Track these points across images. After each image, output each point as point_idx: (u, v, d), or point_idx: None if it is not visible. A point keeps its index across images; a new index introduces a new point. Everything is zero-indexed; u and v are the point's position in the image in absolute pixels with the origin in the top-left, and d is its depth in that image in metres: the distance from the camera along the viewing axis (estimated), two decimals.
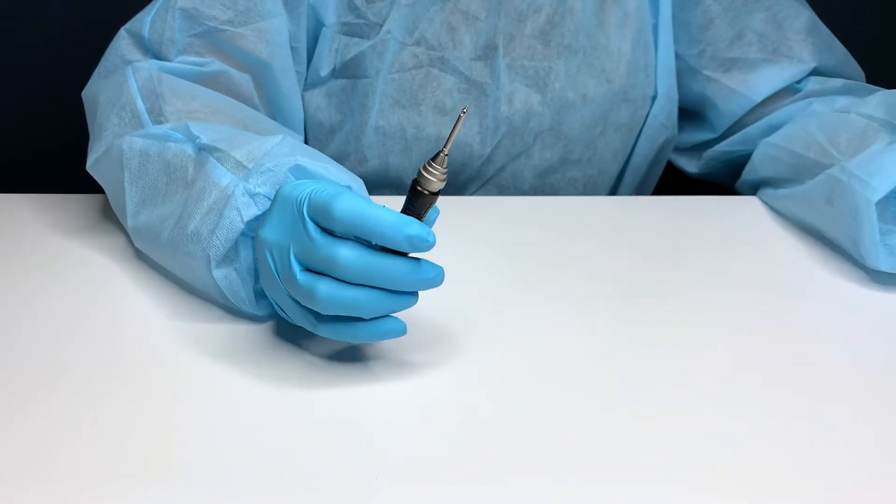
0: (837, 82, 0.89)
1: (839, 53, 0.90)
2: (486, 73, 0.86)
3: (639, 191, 0.98)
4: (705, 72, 0.91)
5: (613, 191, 0.97)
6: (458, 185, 0.91)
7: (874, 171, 0.68)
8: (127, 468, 0.48)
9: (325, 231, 0.52)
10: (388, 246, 0.51)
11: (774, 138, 0.85)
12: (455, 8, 0.84)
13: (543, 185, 0.93)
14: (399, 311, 0.54)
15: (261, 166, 0.58)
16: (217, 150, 0.61)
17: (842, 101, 0.84)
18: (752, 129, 0.90)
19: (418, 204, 0.53)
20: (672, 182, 1.05)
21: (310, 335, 0.60)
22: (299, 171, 0.58)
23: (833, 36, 0.91)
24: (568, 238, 0.77)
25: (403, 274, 0.52)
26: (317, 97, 0.86)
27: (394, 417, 0.53)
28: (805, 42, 0.89)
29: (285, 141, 0.61)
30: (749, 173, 0.89)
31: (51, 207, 0.78)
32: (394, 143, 0.87)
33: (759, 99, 0.90)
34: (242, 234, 0.58)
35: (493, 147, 0.89)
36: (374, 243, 0.51)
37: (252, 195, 0.57)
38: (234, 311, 0.63)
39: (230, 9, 0.77)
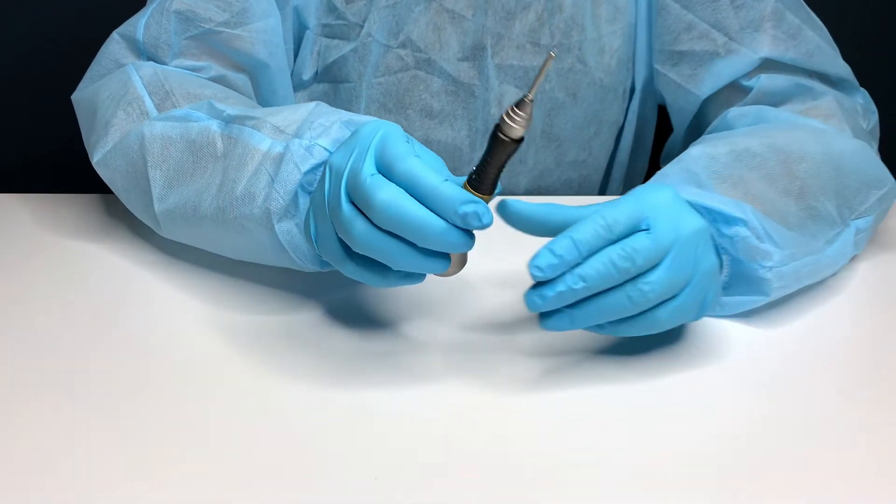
0: (785, 82, 0.80)
1: (808, 43, 0.81)
2: (474, 74, 0.84)
3: (626, 185, 0.96)
4: (656, 65, 0.87)
5: (603, 187, 0.96)
6: None
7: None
8: (126, 468, 0.48)
9: (381, 173, 0.52)
10: (443, 217, 0.50)
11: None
12: (441, 7, 0.83)
13: (539, 188, 0.91)
14: (428, 272, 0.53)
15: (311, 123, 0.60)
16: (251, 118, 0.62)
17: (784, 116, 0.78)
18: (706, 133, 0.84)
19: (498, 151, 0.51)
20: None
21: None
22: (353, 125, 0.59)
23: (805, 26, 0.81)
24: None
25: (434, 234, 0.50)
26: (300, 101, 0.86)
27: (394, 417, 0.53)
28: (760, 31, 0.81)
29: (321, 104, 0.62)
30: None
31: (51, 208, 0.78)
32: None
33: (704, 96, 0.84)
34: (300, 186, 0.58)
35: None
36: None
37: (308, 148, 0.58)
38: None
39: (226, 11, 0.77)
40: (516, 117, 0.50)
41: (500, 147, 0.51)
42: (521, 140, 0.51)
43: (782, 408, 0.55)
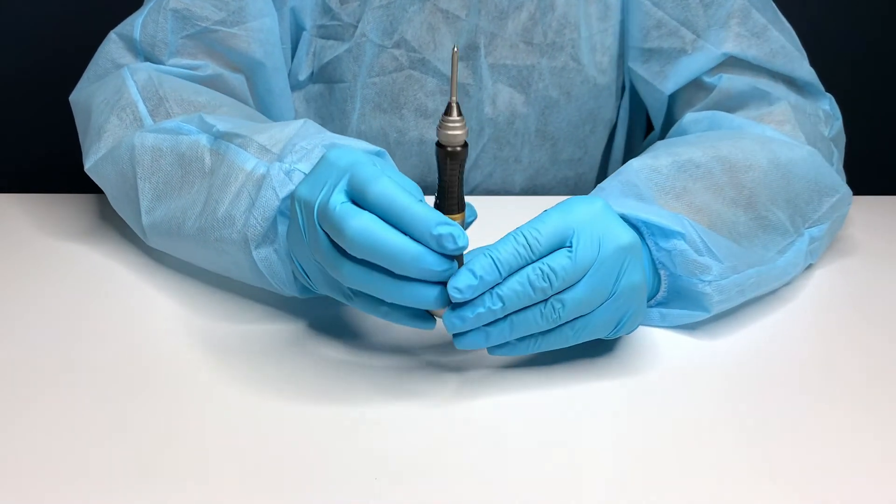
0: (744, 85, 0.80)
1: (772, 43, 0.80)
2: (468, 73, 0.84)
3: None
4: (629, 63, 0.86)
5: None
6: None
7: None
8: (125, 468, 0.48)
9: (354, 199, 0.51)
10: (417, 239, 0.49)
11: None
12: (435, 7, 0.83)
13: (534, 187, 0.91)
14: (424, 306, 0.51)
15: (293, 146, 0.59)
16: (238, 135, 0.62)
17: (737, 122, 0.77)
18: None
19: (451, 164, 0.51)
20: None
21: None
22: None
23: (771, 26, 0.80)
24: None
25: (409, 259, 0.48)
26: (296, 102, 0.85)
27: (394, 418, 0.53)
28: (725, 28, 0.81)
29: (308, 123, 0.62)
30: None
31: (45, 207, 0.78)
32: None
33: (668, 92, 0.84)
34: (280, 212, 0.57)
35: (480, 150, 0.87)
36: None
37: (287, 173, 0.58)
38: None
39: (222, 9, 0.77)
40: (451, 125, 0.50)
41: (450, 160, 0.50)
42: (467, 144, 0.50)
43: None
